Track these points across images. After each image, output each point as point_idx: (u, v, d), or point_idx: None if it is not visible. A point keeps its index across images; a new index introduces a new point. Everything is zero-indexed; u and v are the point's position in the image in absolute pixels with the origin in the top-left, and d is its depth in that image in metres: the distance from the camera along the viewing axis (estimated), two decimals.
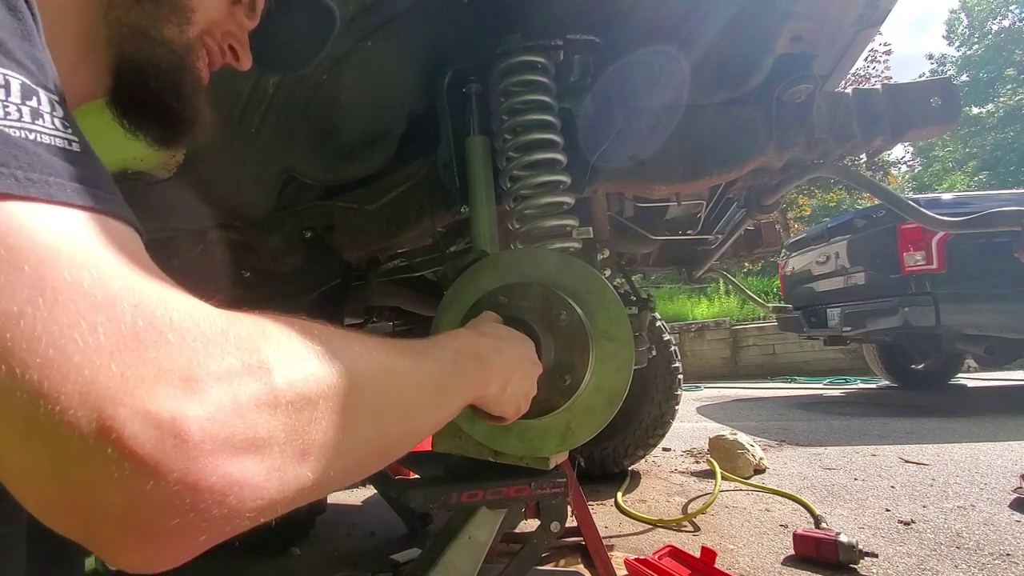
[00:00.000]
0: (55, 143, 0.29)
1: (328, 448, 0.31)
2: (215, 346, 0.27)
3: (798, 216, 16.04)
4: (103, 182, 0.31)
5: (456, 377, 0.51)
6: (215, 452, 0.25)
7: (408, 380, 0.43)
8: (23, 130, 0.28)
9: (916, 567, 1.67)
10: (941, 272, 4.12)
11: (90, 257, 0.26)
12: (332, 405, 0.32)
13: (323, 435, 0.31)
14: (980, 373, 6.42)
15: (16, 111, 0.28)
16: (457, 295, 0.86)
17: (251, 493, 0.26)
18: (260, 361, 0.29)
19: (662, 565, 1.65)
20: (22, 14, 0.31)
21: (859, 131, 1.23)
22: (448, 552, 0.89)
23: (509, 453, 0.84)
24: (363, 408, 0.35)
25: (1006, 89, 21.14)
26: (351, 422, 0.34)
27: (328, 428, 0.31)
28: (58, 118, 0.30)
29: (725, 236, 2.01)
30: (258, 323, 0.31)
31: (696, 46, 1.10)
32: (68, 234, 0.26)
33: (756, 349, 8.84)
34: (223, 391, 0.26)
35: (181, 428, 0.24)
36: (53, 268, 0.24)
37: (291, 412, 0.29)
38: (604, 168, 1.20)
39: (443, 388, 0.48)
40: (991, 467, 2.64)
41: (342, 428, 0.32)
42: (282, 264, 1.43)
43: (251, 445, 0.27)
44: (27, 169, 0.27)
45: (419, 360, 0.46)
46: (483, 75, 1.19)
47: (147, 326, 0.25)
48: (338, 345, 0.35)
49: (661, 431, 2.78)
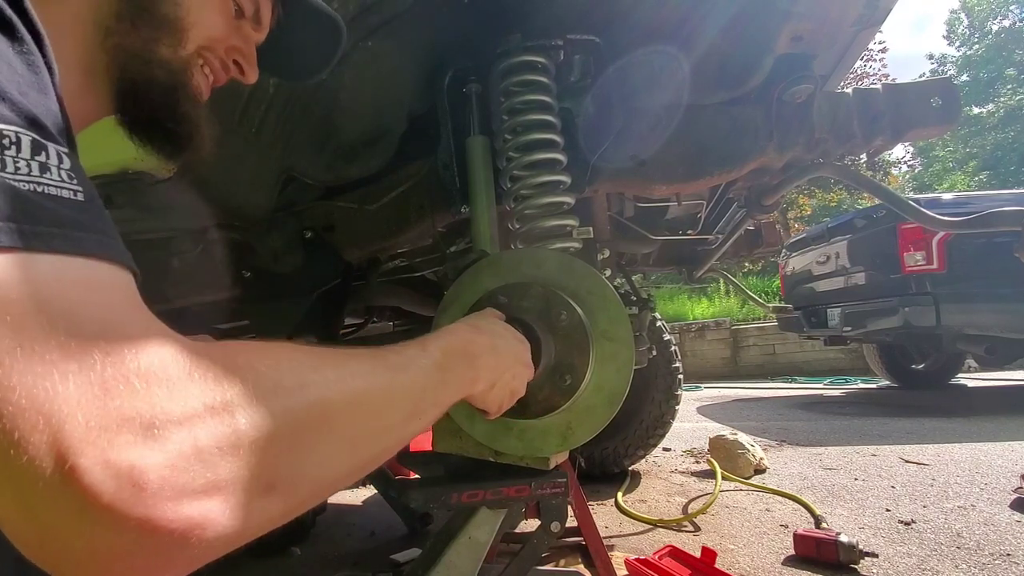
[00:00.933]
0: (61, 194, 0.31)
1: (296, 479, 0.32)
2: (179, 389, 0.28)
3: (798, 216, 16.04)
4: (102, 227, 0.33)
5: (441, 385, 0.52)
6: (174, 497, 0.26)
7: (387, 402, 0.43)
8: (31, 183, 0.30)
9: (916, 567, 1.66)
10: (941, 272, 4.12)
11: (73, 306, 0.28)
12: (300, 438, 0.33)
13: (290, 468, 0.32)
14: (980, 373, 6.42)
15: (26, 166, 0.30)
16: (457, 295, 0.86)
17: (214, 531, 0.28)
18: (224, 401, 0.30)
19: (662, 565, 1.64)
20: (39, 69, 0.34)
21: (859, 131, 1.23)
22: (448, 552, 0.89)
23: (509, 453, 0.84)
24: (335, 436, 0.36)
25: (1006, 89, 21.13)
26: (321, 451, 0.34)
27: (296, 460, 0.32)
28: (64, 170, 0.32)
29: (725, 236, 2.01)
30: (227, 359, 0.32)
31: (696, 46, 1.10)
32: (57, 283, 0.28)
33: (756, 349, 8.84)
34: (183, 436, 0.27)
35: (139, 476, 0.25)
36: (35, 319, 0.26)
37: (255, 451, 0.30)
38: (604, 168, 1.20)
39: (425, 399, 0.49)
40: (991, 467, 2.64)
41: (310, 460, 0.33)
42: (282, 264, 1.43)
43: (212, 487, 0.28)
44: (32, 223, 0.28)
45: (399, 376, 0.46)
46: (483, 75, 1.19)
47: (114, 374, 0.27)
48: (310, 376, 0.36)
49: (661, 431, 2.78)
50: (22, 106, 0.31)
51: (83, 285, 0.29)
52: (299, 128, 1.19)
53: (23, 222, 0.28)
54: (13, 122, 0.30)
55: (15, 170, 0.29)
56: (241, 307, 1.59)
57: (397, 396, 0.45)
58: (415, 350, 0.51)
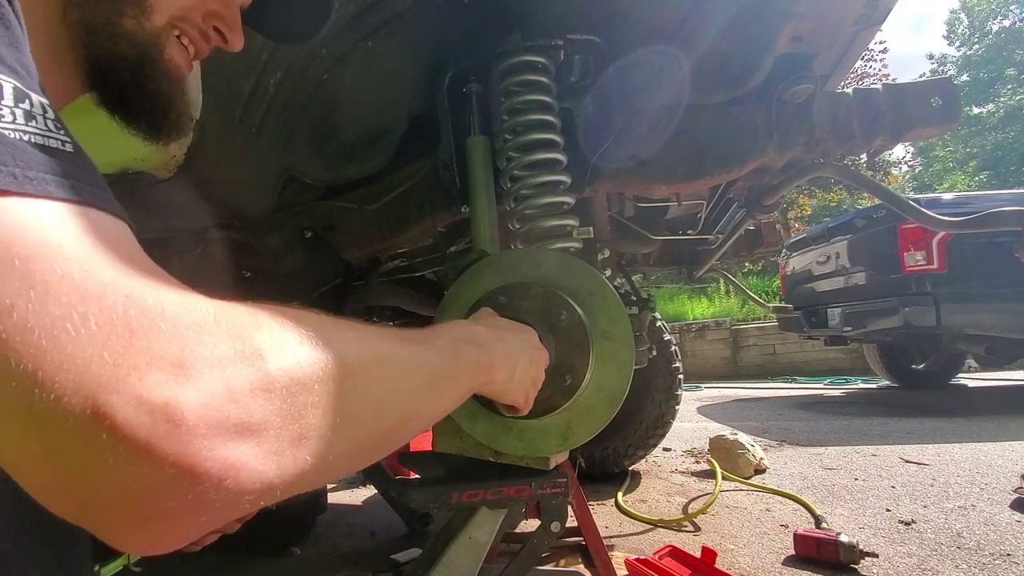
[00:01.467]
0: (48, 143, 0.30)
1: (326, 432, 0.31)
2: (207, 333, 0.27)
3: (798, 216, 16.03)
4: (94, 179, 0.32)
5: (456, 365, 0.51)
6: (209, 436, 0.25)
7: (404, 367, 0.42)
8: (17, 131, 0.28)
9: (916, 567, 1.66)
10: (942, 272, 4.12)
11: (81, 250, 0.26)
12: (327, 389, 0.32)
13: (320, 419, 0.31)
14: (981, 373, 6.41)
15: (10, 113, 0.28)
16: (457, 295, 0.86)
17: (248, 476, 0.27)
18: (253, 348, 0.29)
19: (662, 565, 1.64)
20: (10, 23, 0.32)
21: (859, 131, 1.23)
22: (448, 552, 0.89)
23: (509, 453, 0.84)
24: (359, 393, 0.35)
25: (1006, 89, 21.13)
26: (348, 406, 0.34)
27: (325, 412, 0.31)
28: (50, 120, 0.31)
29: (725, 236, 2.01)
30: (251, 312, 0.31)
31: (696, 46, 1.10)
32: (60, 228, 0.27)
33: (756, 349, 8.84)
34: (216, 376, 0.26)
35: (175, 413, 0.24)
36: (43, 262, 0.25)
37: (286, 397, 0.29)
38: (604, 168, 1.20)
39: (442, 375, 0.48)
40: (992, 467, 2.64)
41: (339, 412, 0.32)
42: (282, 264, 1.43)
43: (246, 429, 0.27)
44: (24, 167, 0.27)
45: (415, 348, 0.46)
46: (483, 75, 1.19)
47: (139, 315, 0.25)
48: (332, 332, 0.35)
49: (661, 431, 2.78)
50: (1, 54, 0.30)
51: (88, 231, 0.28)
52: (299, 128, 1.19)
53: (15, 167, 0.27)
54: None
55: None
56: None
57: (416, 364, 0.44)
58: (425, 332, 0.51)
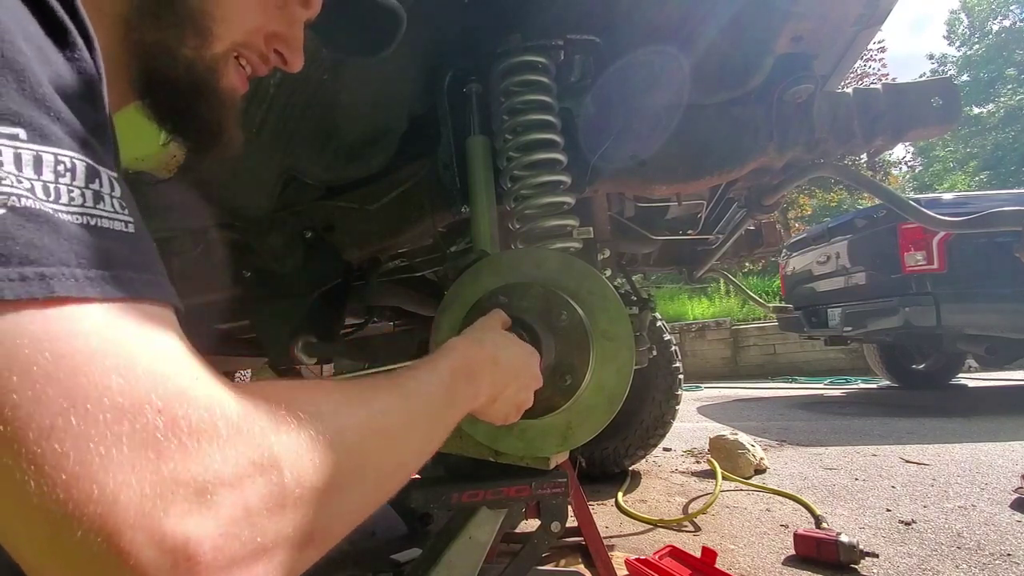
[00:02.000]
0: (113, 226, 0.30)
1: (331, 528, 0.33)
2: (229, 446, 0.28)
3: (799, 216, 16.04)
4: (149, 260, 0.32)
5: (450, 407, 0.51)
6: (225, 567, 0.26)
7: (405, 434, 0.44)
8: (85, 215, 0.29)
9: (917, 567, 1.66)
10: (942, 272, 4.12)
11: (123, 358, 0.27)
12: (338, 488, 0.33)
13: (327, 519, 0.33)
14: (981, 373, 6.41)
15: (80, 196, 0.29)
16: (457, 295, 0.86)
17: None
18: (271, 457, 0.30)
19: (663, 565, 1.64)
20: (90, 76, 0.32)
21: (860, 131, 1.23)
22: (448, 552, 0.89)
23: (510, 453, 0.84)
24: (367, 480, 0.37)
25: (1007, 89, 21.14)
26: (354, 498, 0.35)
27: (332, 511, 0.33)
28: (116, 198, 0.31)
29: (726, 236, 2.01)
30: (271, 410, 0.32)
31: (696, 46, 1.10)
32: (109, 334, 0.27)
33: (757, 349, 8.84)
34: (234, 499, 0.27)
35: (194, 551, 0.25)
36: (89, 377, 0.25)
37: (299, 507, 0.30)
38: (605, 168, 1.20)
39: (438, 423, 0.49)
40: (992, 467, 2.64)
41: (345, 506, 0.34)
42: (282, 264, 1.43)
43: (260, 551, 0.28)
44: (85, 265, 0.28)
45: (416, 403, 0.46)
46: (484, 75, 1.19)
47: (167, 432, 0.26)
48: (346, 420, 0.36)
49: (662, 431, 2.78)
50: (75, 127, 0.30)
51: (134, 333, 0.29)
52: (299, 128, 1.19)
53: (76, 265, 0.27)
54: (69, 147, 0.29)
55: (69, 200, 0.28)
56: (241, 307, 1.59)
57: (415, 425, 0.45)
58: (426, 373, 0.51)
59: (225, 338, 2.11)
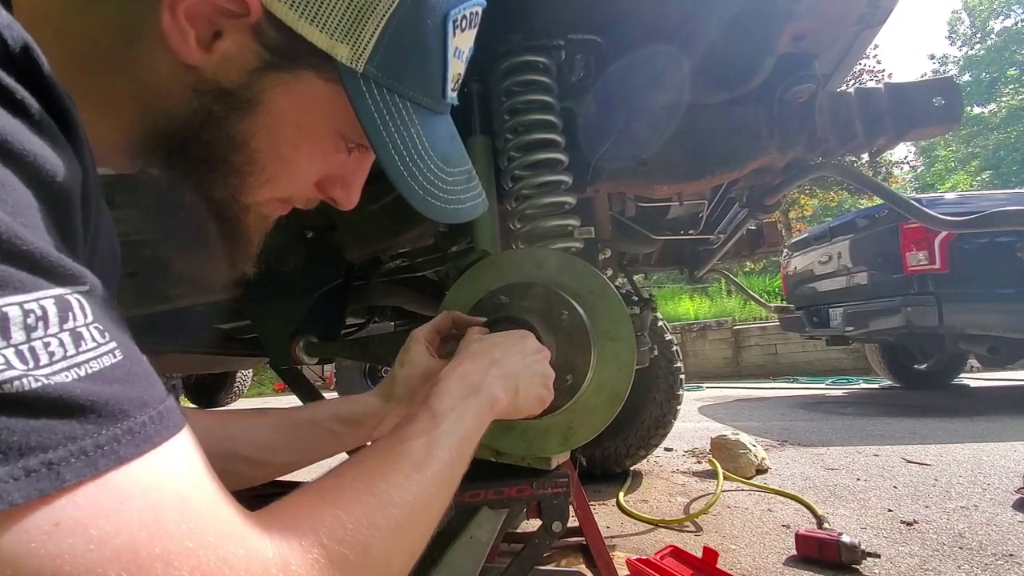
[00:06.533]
0: (103, 365, 0.27)
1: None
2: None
3: (800, 216, 16.03)
4: (147, 384, 0.29)
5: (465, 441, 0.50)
6: None
7: (439, 492, 0.44)
8: (71, 368, 0.25)
9: (919, 567, 1.66)
10: (944, 272, 4.11)
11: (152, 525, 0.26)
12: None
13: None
14: (983, 373, 6.40)
15: (59, 346, 0.25)
16: (459, 295, 0.86)
17: None
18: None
19: (664, 565, 1.64)
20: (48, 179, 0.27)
21: (861, 131, 1.23)
22: (450, 552, 0.89)
23: (511, 453, 0.84)
24: (408, 551, 0.40)
25: (1008, 89, 21.12)
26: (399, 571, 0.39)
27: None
28: (94, 327, 0.27)
29: (727, 236, 2.00)
30: (292, 533, 0.32)
31: (698, 46, 1.10)
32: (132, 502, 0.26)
33: (758, 349, 8.83)
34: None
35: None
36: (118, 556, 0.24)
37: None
38: (606, 168, 1.20)
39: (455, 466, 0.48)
40: (994, 467, 2.63)
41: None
42: (284, 264, 1.43)
43: None
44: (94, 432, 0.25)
45: (430, 469, 0.44)
46: (484, 75, 1.19)
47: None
48: (367, 532, 0.36)
49: (663, 431, 2.78)
50: (35, 251, 0.25)
51: (154, 490, 0.27)
52: None
53: (85, 438, 0.24)
54: (33, 287, 0.24)
55: (50, 359, 0.24)
56: (242, 307, 1.60)
57: (435, 493, 0.44)
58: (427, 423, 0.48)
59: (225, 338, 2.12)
